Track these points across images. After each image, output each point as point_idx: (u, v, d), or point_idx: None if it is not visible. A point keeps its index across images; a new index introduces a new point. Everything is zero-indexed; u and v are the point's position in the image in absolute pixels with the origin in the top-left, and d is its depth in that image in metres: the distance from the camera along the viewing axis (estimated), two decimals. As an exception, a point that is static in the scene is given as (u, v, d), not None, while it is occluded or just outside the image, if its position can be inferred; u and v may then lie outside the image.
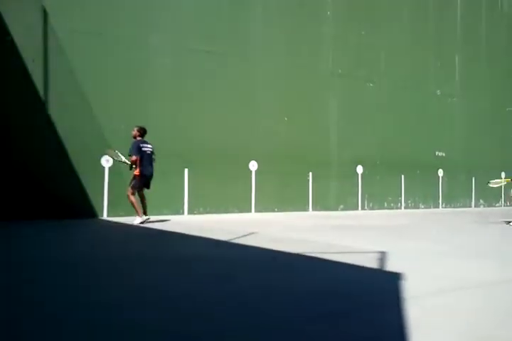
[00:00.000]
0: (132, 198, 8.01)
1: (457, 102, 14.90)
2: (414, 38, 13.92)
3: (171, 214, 9.20)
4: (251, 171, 10.78)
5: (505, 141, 16.27)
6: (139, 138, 8.15)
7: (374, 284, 3.86)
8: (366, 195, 12.74)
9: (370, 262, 4.69)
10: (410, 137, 13.57)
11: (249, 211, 10.74)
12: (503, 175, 16.04)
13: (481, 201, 15.47)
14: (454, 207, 14.57)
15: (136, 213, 8.06)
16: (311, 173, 11.70)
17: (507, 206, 16.23)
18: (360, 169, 12.65)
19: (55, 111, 8.61)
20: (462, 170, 14.73)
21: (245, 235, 6.68)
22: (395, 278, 3.94)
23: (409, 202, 13.59)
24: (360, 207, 12.64)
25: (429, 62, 14.27)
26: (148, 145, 8.18)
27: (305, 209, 11.65)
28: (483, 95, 15.59)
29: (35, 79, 8.44)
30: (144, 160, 8.03)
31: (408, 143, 13.47)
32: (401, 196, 13.48)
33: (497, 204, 16.00)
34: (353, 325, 2.72)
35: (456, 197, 14.71)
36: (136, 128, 8.18)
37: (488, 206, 15.66)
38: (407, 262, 4.79)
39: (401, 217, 11.18)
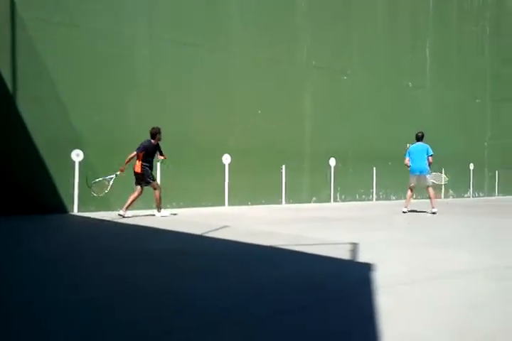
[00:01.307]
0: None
1: (427, 93, 15.11)
2: (387, 32, 14.02)
3: (145, 208, 9.11)
4: (224, 164, 10.76)
5: (474, 133, 16.59)
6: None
7: (346, 275, 3.90)
8: (338, 188, 12.85)
9: (343, 253, 4.74)
10: (382, 129, 13.71)
11: (223, 204, 10.73)
12: (471, 166, 16.37)
13: (451, 191, 15.78)
14: (424, 198, 14.80)
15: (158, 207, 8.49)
16: (284, 166, 11.74)
17: (476, 197, 16.59)
18: (332, 161, 12.74)
19: (23, 104, 8.42)
20: (435, 161, 14.94)
21: (219, 229, 6.67)
22: (366, 268, 3.99)
23: (381, 193, 13.77)
24: (332, 200, 12.75)
25: (402, 55, 14.41)
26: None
27: (278, 202, 11.69)
28: (454, 87, 15.84)
29: (2, 72, 8.23)
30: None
31: (380, 135, 13.61)
32: (373, 188, 13.64)
33: (465, 195, 16.34)
34: (326, 316, 2.75)
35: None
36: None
37: (458, 196, 15.98)
38: (378, 252, 4.86)
39: (373, 208, 11.32)
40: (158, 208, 8.47)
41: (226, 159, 10.79)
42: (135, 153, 8.19)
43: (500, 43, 17.50)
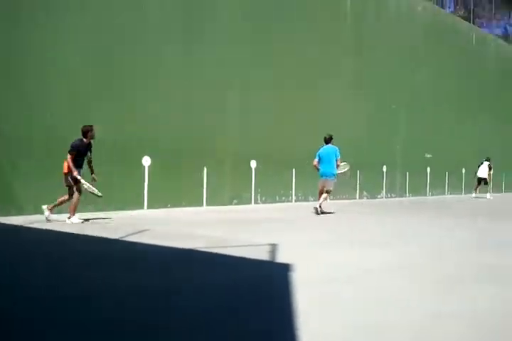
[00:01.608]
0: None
1: (346, 100, 15.63)
2: (308, 35, 14.35)
3: (57, 213, 8.69)
4: (144, 167, 10.54)
5: (388, 136, 17.40)
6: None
7: (266, 276, 3.96)
8: (259, 189, 12.99)
9: (263, 254, 4.80)
10: (301, 131, 14.00)
11: (142, 207, 10.51)
12: (384, 168, 17.17)
13: (365, 193, 16.46)
14: (340, 199, 15.33)
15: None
16: (205, 168, 11.69)
17: (388, 197, 17.41)
18: (253, 163, 12.87)
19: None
20: (350, 163, 15.49)
21: (138, 232, 6.53)
22: (285, 269, 4.07)
23: (300, 195, 14.08)
24: (253, 202, 12.86)
25: (322, 61, 14.79)
26: None
27: (199, 204, 11.62)
28: (370, 93, 16.51)
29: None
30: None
31: (299, 137, 13.89)
32: (292, 189, 13.93)
33: (379, 196, 17.10)
34: (246, 317, 2.77)
35: (342, 190, 15.48)
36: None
37: (371, 197, 16.68)
38: (297, 253, 4.97)
39: (292, 209, 11.57)
40: (72, 213, 7.97)
41: (146, 161, 10.58)
42: (69, 156, 7.75)
43: (413, 50, 18.49)
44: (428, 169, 19.15)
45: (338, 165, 9.87)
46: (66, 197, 7.97)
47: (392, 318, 2.79)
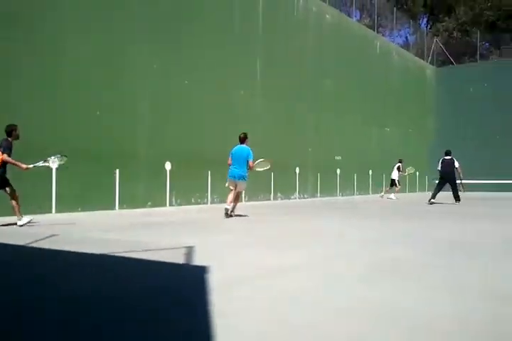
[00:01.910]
0: None
1: (258, 102, 15.90)
2: (219, 39, 14.42)
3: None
4: (52, 169, 10.06)
5: (300, 139, 17.90)
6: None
7: (181, 279, 3.93)
8: (174, 192, 12.86)
9: (178, 257, 4.76)
10: (216, 133, 14.05)
11: (50, 211, 10.03)
12: (297, 170, 17.64)
13: (279, 194, 16.82)
14: (256, 201, 15.55)
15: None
16: (118, 170, 11.38)
17: (301, 198, 17.90)
18: (168, 165, 12.71)
19: None
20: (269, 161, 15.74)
21: (46, 238, 6.22)
22: (202, 271, 4.06)
23: (216, 197, 14.11)
24: (168, 204, 12.71)
25: (236, 63, 14.93)
26: None
27: (111, 207, 11.30)
28: (283, 96, 16.90)
29: None
30: None
31: (214, 140, 13.93)
32: (208, 191, 13.93)
33: (292, 197, 17.55)
34: (165, 321, 2.74)
35: (257, 191, 15.72)
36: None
37: (285, 198, 17.08)
38: (213, 255, 4.98)
39: (208, 211, 11.56)
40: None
41: (54, 163, 10.11)
42: (6, 156, 7.51)
43: (321, 56, 19.16)
44: (338, 171, 19.94)
45: (250, 168, 9.44)
46: (12, 195, 7.74)
47: (303, 315, 2.88)
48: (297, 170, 17.66)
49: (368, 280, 3.83)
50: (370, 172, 22.27)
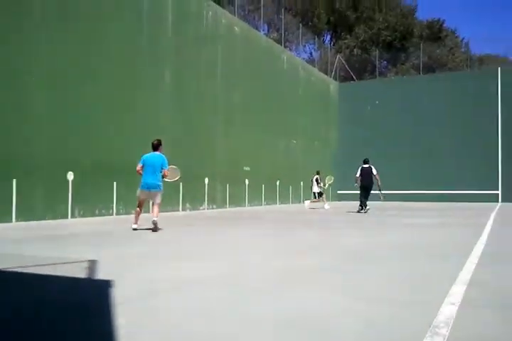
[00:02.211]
0: None
1: (168, 111, 15.68)
2: (127, 48, 14.07)
3: None
4: None
5: (208, 149, 17.87)
6: None
7: (84, 294, 3.71)
8: (77, 203, 12.26)
9: (82, 271, 4.51)
10: (122, 142, 13.65)
11: None
12: (206, 180, 17.56)
13: (188, 205, 16.62)
14: (164, 212, 15.22)
15: None
16: (15, 180, 10.66)
17: (210, 209, 17.82)
18: (70, 175, 12.11)
19: None
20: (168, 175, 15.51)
21: None
22: (106, 285, 3.87)
23: (121, 208, 13.64)
24: (70, 215, 12.08)
25: (141, 74, 14.63)
26: None
27: (8, 219, 10.53)
28: (189, 107, 16.81)
29: None
30: None
31: (119, 149, 13.52)
32: (113, 203, 13.43)
33: (201, 207, 17.42)
34: (63, 338, 2.56)
35: (166, 202, 15.40)
36: None
37: (194, 209, 16.91)
38: (118, 268, 4.77)
39: (113, 223, 11.14)
40: None
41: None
42: None
43: (230, 68, 19.34)
44: (247, 181, 20.12)
45: (164, 176, 8.85)
46: None
47: (213, 328, 2.82)
48: (206, 180, 17.59)
49: (280, 290, 3.85)
50: (278, 182, 22.72)
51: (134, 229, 8.75)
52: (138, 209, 9.03)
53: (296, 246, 6.76)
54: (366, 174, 15.45)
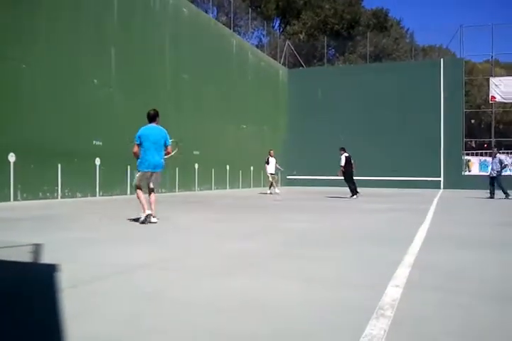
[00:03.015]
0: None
1: (114, 93, 15.28)
2: (70, 24, 13.56)
3: None
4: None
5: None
6: None
7: (30, 278, 3.61)
8: (19, 185, 11.82)
9: (25, 256, 4.38)
10: (67, 125, 13.23)
11: None
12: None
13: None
14: (111, 195, 14.96)
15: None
16: (-49, 162, 10.15)
17: (160, 193, 17.58)
18: (12, 157, 11.64)
19: None
20: (119, 159, 15.22)
21: None
22: (51, 269, 3.77)
23: (66, 191, 13.27)
24: (12, 198, 11.64)
25: (87, 51, 14.14)
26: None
27: None
28: (138, 89, 16.44)
29: None
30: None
31: (64, 132, 13.10)
32: (58, 185, 13.03)
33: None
34: (10, 325, 2.48)
35: (113, 186, 15.14)
36: None
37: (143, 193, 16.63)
38: (64, 252, 4.66)
39: (60, 206, 10.83)
40: None
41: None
42: None
43: (179, 50, 18.99)
44: (196, 165, 19.99)
45: (167, 154, 7.60)
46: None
47: (155, 311, 2.82)
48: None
49: (227, 273, 3.87)
50: (228, 167, 22.71)
51: (145, 221, 7.20)
52: (141, 192, 7.51)
53: (243, 230, 6.80)
54: (350, 162, 16.25)
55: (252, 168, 24.66)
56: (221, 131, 22.10)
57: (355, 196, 16.10)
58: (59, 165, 12.96)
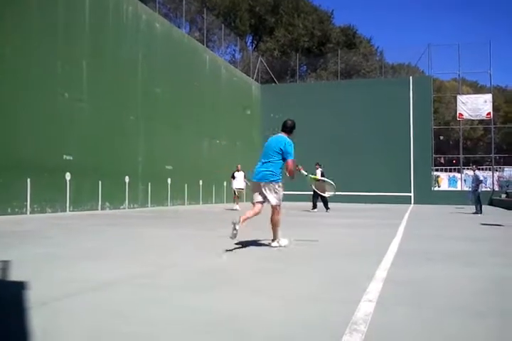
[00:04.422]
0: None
1: (85, 107, 15.13)
2: (41, 37, 13.43)
3: None
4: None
5: (129, 147, 17.44)
6: None
7: (-5, 297, 3.51)
8: (-13, 201, 11.55)
9: (-9, 273, 4.26)
10: (38, 138, 13.02)
11: None
12: (127, 179, 17.13)
13: (108, 204, 16.12)
14: (82, 211, 14.70)
15: None
16: None
17: (131, 208, 17.39)
18: (-21, 172, 11.38)
19: None
20: (90, 174, 15.02)
21: None
22: (18, 287, 3.67)
23: (36, 206, 12.99)
24: (-21, 215, 11.36)
25: (57, 64, 14.00)
26: None
27: None
28: (110, 103, 16.33)
29: None
30: None
31: (34, 145, 12.88)
32: (27, 200, 12.75)
33: (122, 207, 16.97)
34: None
35: (84, 201, 14.90)
36: None
37: (114, 208, 16.44)
38: (32, 269, 4.55)
39: (28, 222, 10.58)
40: None
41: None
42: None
43: (151, 65, 18.98)
44: (169, 180, 19.86)
45: (288, 170, 6.37)
46: None
47: (125, 328, 2.77)
48: (127, 179, 17.16)
49: (197, 289, 3.83)
50: (201, 182, 22.62)
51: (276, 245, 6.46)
52: (252, 211, 6.33)
53: (215, 245, 6.77)
54: (324, 176, 16.09)
55: (225, 183, 24.63)
56: (194, 145, 22.07)
57: (327, 210, 16.27)
58: (28, 180, 12.71)
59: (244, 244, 6.73)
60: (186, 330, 2.71)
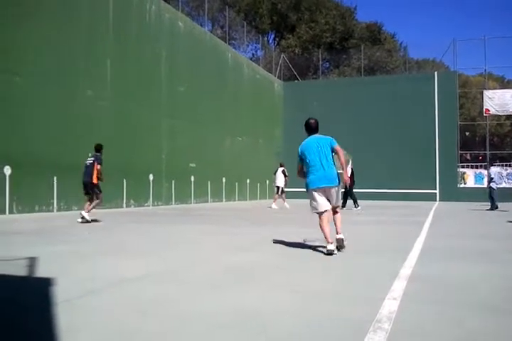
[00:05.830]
0: None
1: (109, 105, 15.29)
2: (64, 36, 13.61)
3: None
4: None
5: (153, 146, 17.59)
6: None
7: (23, 293, 3.58)
8: (15, 198, 11.77)
9: (19, 270, 4.35)
10: (62, 136, 13.21)
11: None
12: (151, 177, 17.29)
13: (132, 201, 16.29)
14: (106, 209, 14.88)
15: None
16: None
17: (155, 205, 17.56)
18: (8, 170, 11.61)
19: None
20: (115, 172, 15.17)
21: None
22: (45, 283, 3.75)
23: (62, 204, 13.21)
24: (7, 211, 11.58)
25: (80, 62, 14.17)
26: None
27: None
28: (134, 102, 16.48)
29: None
30: None
31: (60, 143, 13.08)
32: (53, 198, 12.98)
33: (146, 204, 17.13)
34: (11, 338, 2.46)
35: (108, 199, 15.07)
36: None
37: (139, 206, 16.59)
38: (57, 266, 4.63)
39: (55, 219, 10.77)
40: None
41: None
42: None
43: (174, 63, 19.08)
44: (192, 178, 19.97)
45: (341, 164, 5.98)
46: None
47: (148, 325, 2.80)
48: (151, 176, 17.32)
49: (221, 286, 3.85)
50: (224, 179, 22.69)
51: (330, 253, 5.52)
52: (325, 223, 5.83)
53: (240, 242, 6.78)
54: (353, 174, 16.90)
55: (248, 180, 24.66)
56: (217, 143, 22.14)
57: (359, 207, 16.71)
58: (55, 178, 12.93)
59: (271, 241, 6.74)
60: (210, 327, 2.73)
